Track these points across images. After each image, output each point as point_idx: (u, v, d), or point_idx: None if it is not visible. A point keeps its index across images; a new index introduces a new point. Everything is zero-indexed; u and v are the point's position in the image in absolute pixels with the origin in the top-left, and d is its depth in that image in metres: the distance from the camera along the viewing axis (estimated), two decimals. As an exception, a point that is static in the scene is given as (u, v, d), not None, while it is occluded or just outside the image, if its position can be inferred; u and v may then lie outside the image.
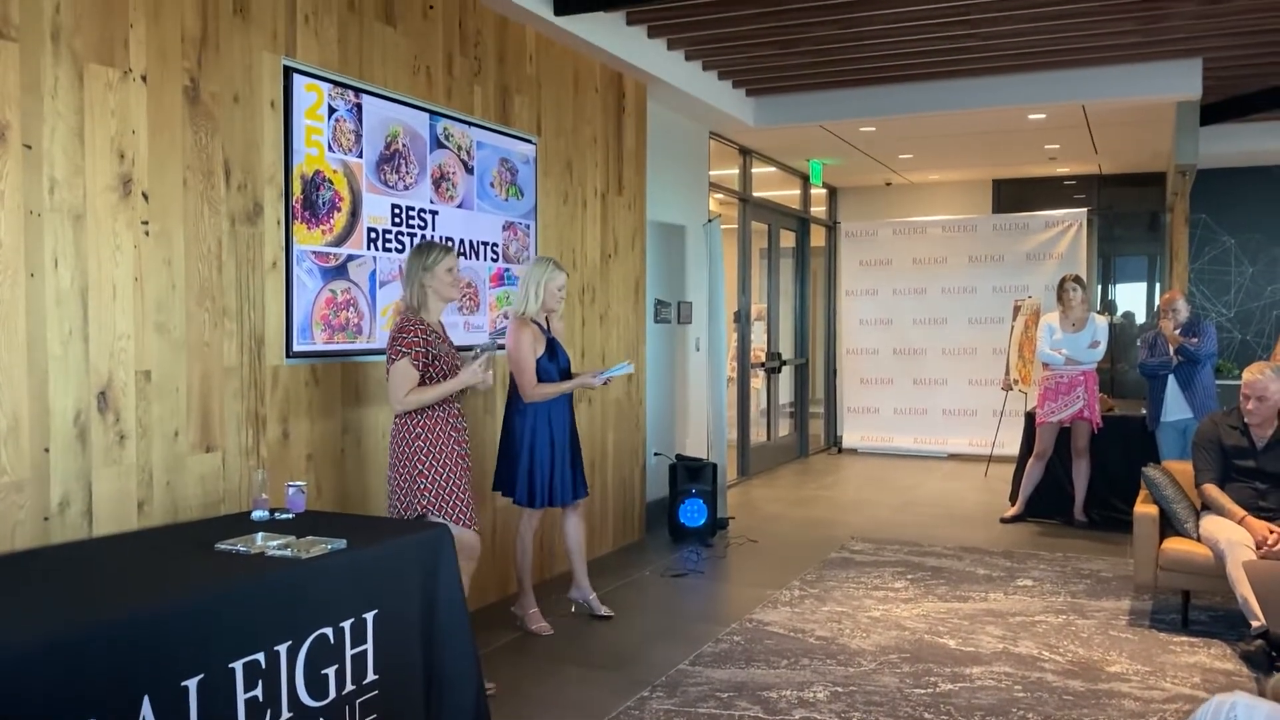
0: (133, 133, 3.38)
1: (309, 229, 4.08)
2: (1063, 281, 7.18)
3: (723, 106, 7.53)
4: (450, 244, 4.89)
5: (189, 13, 3.58)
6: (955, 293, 10.45)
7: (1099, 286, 11.21)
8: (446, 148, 4.91)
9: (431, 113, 4.80)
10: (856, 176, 11.16)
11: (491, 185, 5.25)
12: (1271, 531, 4.46)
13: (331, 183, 4.20)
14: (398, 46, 4.59)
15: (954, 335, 10.44)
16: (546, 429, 4.65)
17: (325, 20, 4.17)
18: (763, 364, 9.95)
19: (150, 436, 3.45)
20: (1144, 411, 6.80)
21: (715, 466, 6.91)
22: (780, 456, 10.32)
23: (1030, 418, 7.42)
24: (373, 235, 4.42)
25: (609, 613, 4.99)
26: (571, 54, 5.94)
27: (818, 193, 11.39)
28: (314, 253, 4.11)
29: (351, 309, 4.31)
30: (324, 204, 4.16)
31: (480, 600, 5.07)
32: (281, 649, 2.70)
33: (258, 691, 2.61)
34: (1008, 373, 9.10)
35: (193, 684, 2.44)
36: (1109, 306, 11.26)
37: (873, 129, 8.54)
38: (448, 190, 4.92)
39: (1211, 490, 4.78)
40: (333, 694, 2.85)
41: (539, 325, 4.65)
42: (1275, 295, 10.21)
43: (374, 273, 4.43)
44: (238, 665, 2.56)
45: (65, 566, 2.82)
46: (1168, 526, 4.93)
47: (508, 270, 5.38)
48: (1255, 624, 4.29)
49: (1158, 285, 11.02)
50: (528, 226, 5.54)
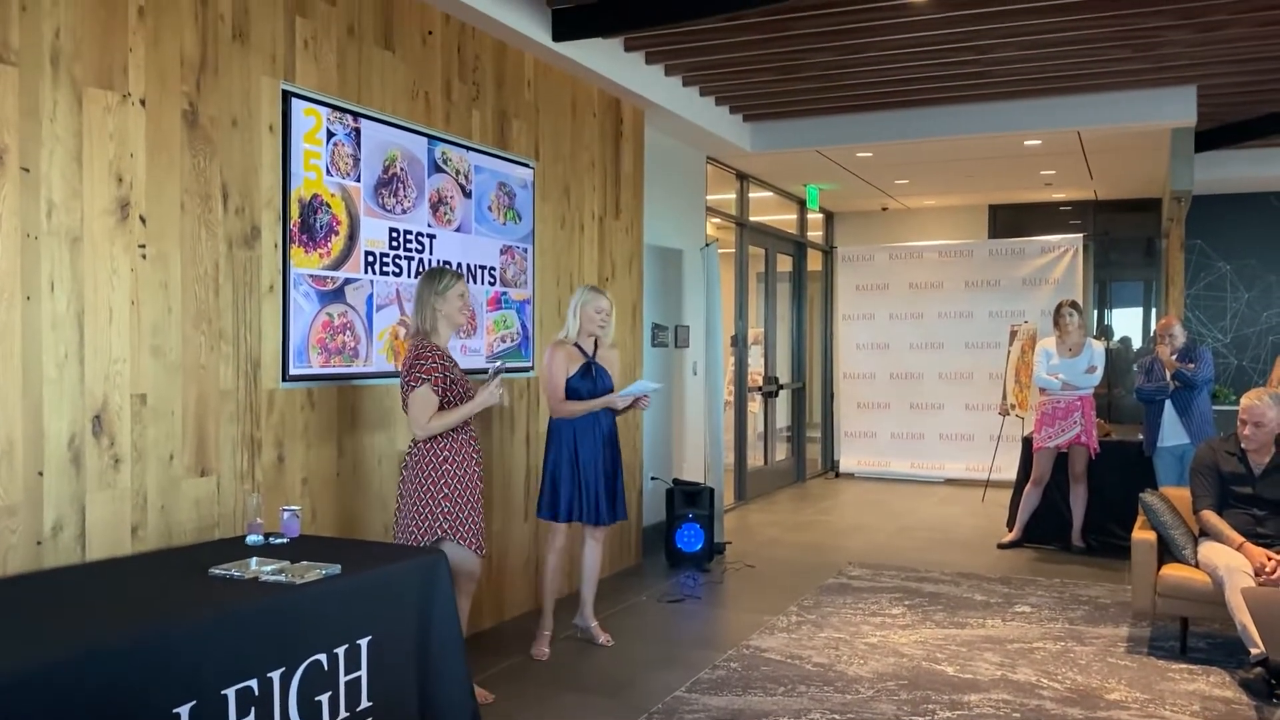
0: (131, 156, 3.38)
1: (306, 252, 4.08)
2: (1059, 307, 7.19)
3: (720, 131, 7.56)
4: (460, 271, 4.93)
5: (188, 37, 3.59)
6: (952, 317, 10.46)
7: (1095, 312, 11.23)
8: (445, 172, 4.92)
9: (430, 137, 4.81)
10: (853, 201, 11.19)
11: (489, 209, 5.26)
12: (1270, 558, 4.45)
13: (329, 206, 4.21)
14: (396, 71, 4.61)
15: (951, 360, 10.45)
16: (571, 446, 4.74)
17: (324, 45, 4.19)
18: (760, 388, 9.95)
19: (145, 460, 3.43)
20: (1141, 437, 6.79)
21: (712, 491, 6.89)
22: (777, 481, 10.29)
23: (1027, 443, 7.41)
24: (370, 259, 4.42)
25: (608, 641, 4.96)
26: (569, 79, 5.97)
27: (814, 217, 11.42)
28: (311, 276, 4.11)
29: (348, 332, 4.31)
30: (321, 227, 4.17)
31: (476, 625, 5.04)
32: (275, 675, 2.68)
33: (250, 719, 2.58)
34: (1005, 398, 9.10)
35: (185, 711, 2.42)
36: (1105, 331, 11.27)
37: (869, 154, 8.57)
38: (445, 214, 4.93)
39: (1210, 516, 4.77)
40: (326, 721, 2.82)
41: (580, 348, 4.77)
42: (1271, 321, 10.24)
43: (371, 296, 4.43)
44: (230, 692, 2.54)
45: (58, 592, 2.81)
46: (1166, 553, 4.91)
47: (505, 294, 5.39)
48: (1254, 651, 4.26)
49: (1154, 311, 11.04)
50: (525, 250, 5.55)
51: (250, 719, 2.58)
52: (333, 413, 4.24)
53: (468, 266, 5.09)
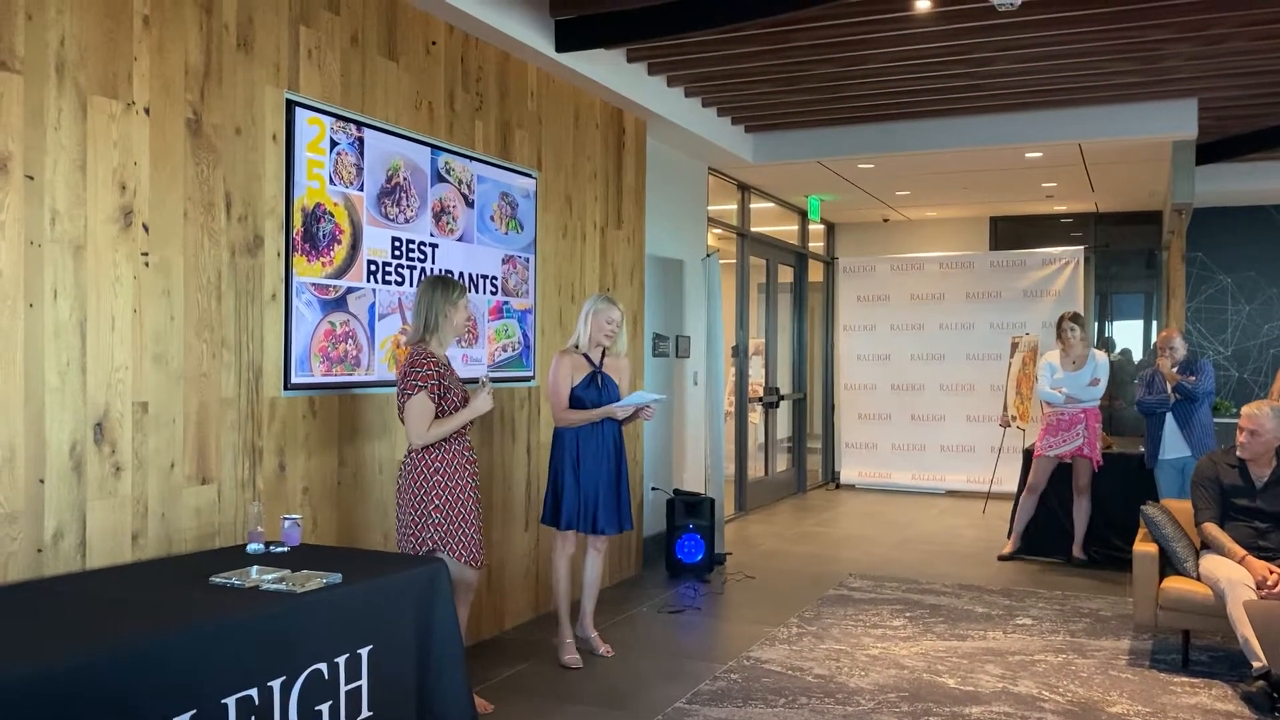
0: (134, 164, 3.39)
1: (309, 261, 4.09)
2: (1061, 320, 7.17)
3: (722, 142, 7.57)
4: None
5: (193, 46, 3.60)
6: (953, 329, 10.47)
7: (1096, 324, 11.23)
8: (447, 181, 4.93)
9: (433, 147, 4.82)
10: (854, 212, 11.21)
11: (491, 219, 5.26)
12: (1272, 572, 4.44)
13: (332, 215, 4.21)
14: (400, 81, 4.62)
15: (952, 371, 10.45)
16: (574, 455, 4.75)
17: (328, 55, 4.20)
18: (760, 399, 9.94)
19: (146, 468, 3.43)
20: (1142, 449, 6.78)
21: (713, 501, 6.88)
22: (778, 492, 10.28)
23: (1029, 454, 7.40)
24: (373, 268, 4.42)
25: (609, 652, 4.95)
26: (572, 90, 5.98)
27: (816, 228, 11.44)
28: (313, 285, 4.11)
29: (350, 341, 4.31)
30: (324, 236, 4.17)
31: (478, 634, 5.03)
32: (275, 685, 2.67)
33: (250, 728, 2.58)
34: (1006, 409, 9.09)
35: (185, 719, 2.41)
36: (1106, 344, 11.27)
37: (871, 166, 8.59)
38: (448, 223, 4.94)
39: (1211, 529, 4.77)
40: (326, 731, 2.81)
41: (587, 357, 4.78)
42: (1272, 334, 10.24)
43: (373, 305, 4.43)
44: (230, 701, 2.53)
45: (58, 599, 2.80)
46: (1167, 565, 4.90)
47: (507, 303, 5.39)
48: (1256, 665, 4.25)
49: (1154, 323, 11.04)
50: (527, 260, 5.56)
51: (250, 728, 2.58)
52: (334, 421, 4.24)
53: (470, 276, 5.09)
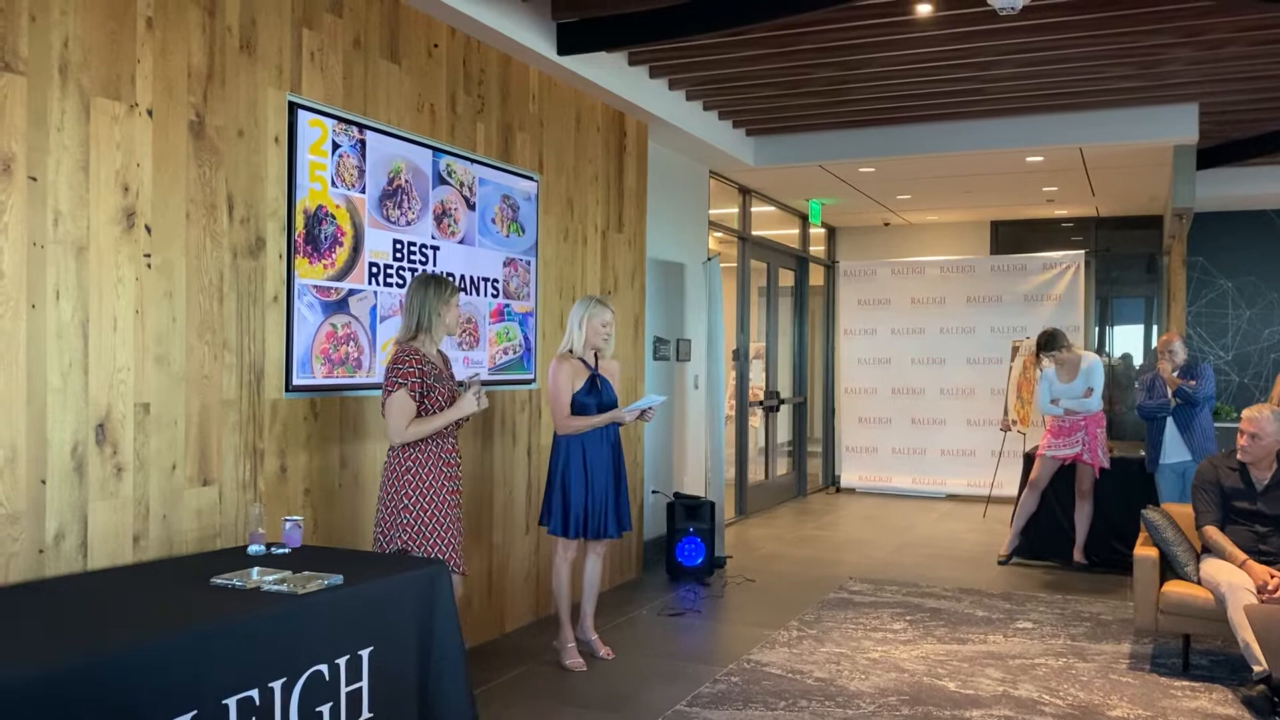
0: (137, 166, 3.40)
1: (310, 263, 4.09)
2: (1039, 347, 7.03)
3: (723, 146, 7.58)
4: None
5: (196, 48, 3.61)
6: (953, 333, 10.47)
7: (1096, 328, 11.23)
8: (449, 184, 4.94)
9: (434, 149, 4.83)
10: (855, 216, 11.22)
11: (493, 221, 5.27)
12: (1273, 576, 4.44)
13: (334, 217, 4.22)
14: (402, 84, 4.63)
15: (952, 375, 10.45)
16: (580, 462, 4.73)
17: (331, 57, 4.21)
18: (761, 402, 9.95)
19: (147, 469, 3.43)
20: (1143, 453, 6.79)
21: (713, 505, 6.88)
22: (778, 495, 10.28)
23: (1029, 458, 7.40)
24: (374, 270, 4.43)
25: (609, 654, 4.95)
26: (574, 93, 5.99)
27: (817, 232, 11.45)
28: (315, 287, 4.12)
29: (352, 343, 4.31)
30: (326, 238, 4.18)
31: (479, 637, 5.03)
32: (276, 686, 2.67)
33: (251, 729, 2.58)
34: (1006, 413, 9.09)
35: (186, 721, 2.41)
36: (1105, 348, 11.27)
37: (872, 169, 8.60)
38: (449, 226, 4.94)
39: (1212, 533, 4.77)
40: (327, 732, 2.81)
41: (584, 361, 4.76)
42: (1272, 338, 10.24)
43: (375, 307, 4.43)
44: (231, 702, 2.53)
45: (59, 601, 2.80)
46: (1168, 569, 4.90)
47: (508, 306, 5.40)
48: (1257, 669, 4.25)
49: (1155, 327, 11.05)
50: (528, 263, 5.56)
51: (251, 729, 2.58)
52: (335, 423, 4.24)
53: (471, 278, 5.10)
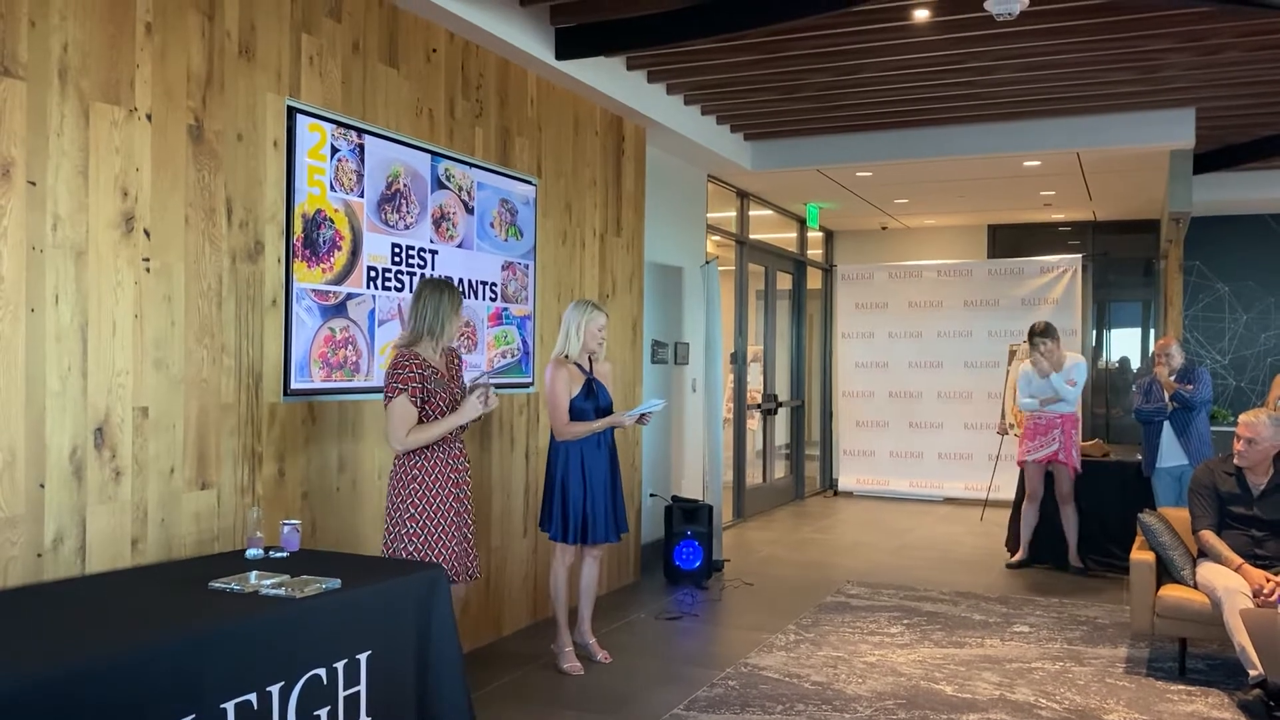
0: (136, 170, 3.40)
1: (309, 267, 4.10)
2: (1031, 337, 7.09)
3: (721, 150, 7.60)
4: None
5: (195, 53, 3.62)
6: (951, 336, 10.49)
7: (1094, 332, 11.25)
8: (447, 188, 4.95)
9: (433, 153, 4.84)
10: (853, 220, 11.23)
11: (491, 225, 5.28)
12: (1269, 580, 4.45)
13: (332, 221, 4.23)
14: (400, 88, 4.64)
15: (950, 379, 10.47)
16: (579, 467, 4.74)
17: (330, 62, 4.22)
18: (759, 405, 9.95)
19: (146, 473, 3.44)
20: (1139, 457, 6.80)
21: (711, 508, 6.88)
22: (776, 499, 10.29)
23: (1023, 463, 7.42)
24: (372, 274, 4.44)
25: (606, 658, 4.96)
26: (572, 97, 6.00)
27: (814, 236, 11.46)
28: (313, 291, 4.13)
29: (350, 347, 4.32)
30: (324, 242, 4.18)
31: (476, 641, 5.03)
32: (274, 690, 2.67)
33: (249, 733, 2.58)
34: (1003, 417, 9.10)
35: (184, 725, 2.42)
36: (1102, 352, 11.29)
37: (869, 174, 8.61)
38: (448, 230, 4.95)
39: (1208, 537, 4.78)
40: (324, 736, 2.82)
41: (579, 366, 4.77)
42: (1269, 342, 10.26)
43: (373, 311, 4.44)
44: (229, 706, 2.54)
45: (58, 604, 2.81)
46: (1164, 573, 4.91)
47: (506, 310, 5.40)
48: (1253, 673, 4.26)
49: (1152, 331, 11.06)
50: (527, 266, 5.57)
51: (249, 733, 2.58)
52: (333, 427, 4.25)
53: (469, 282, 5.10)
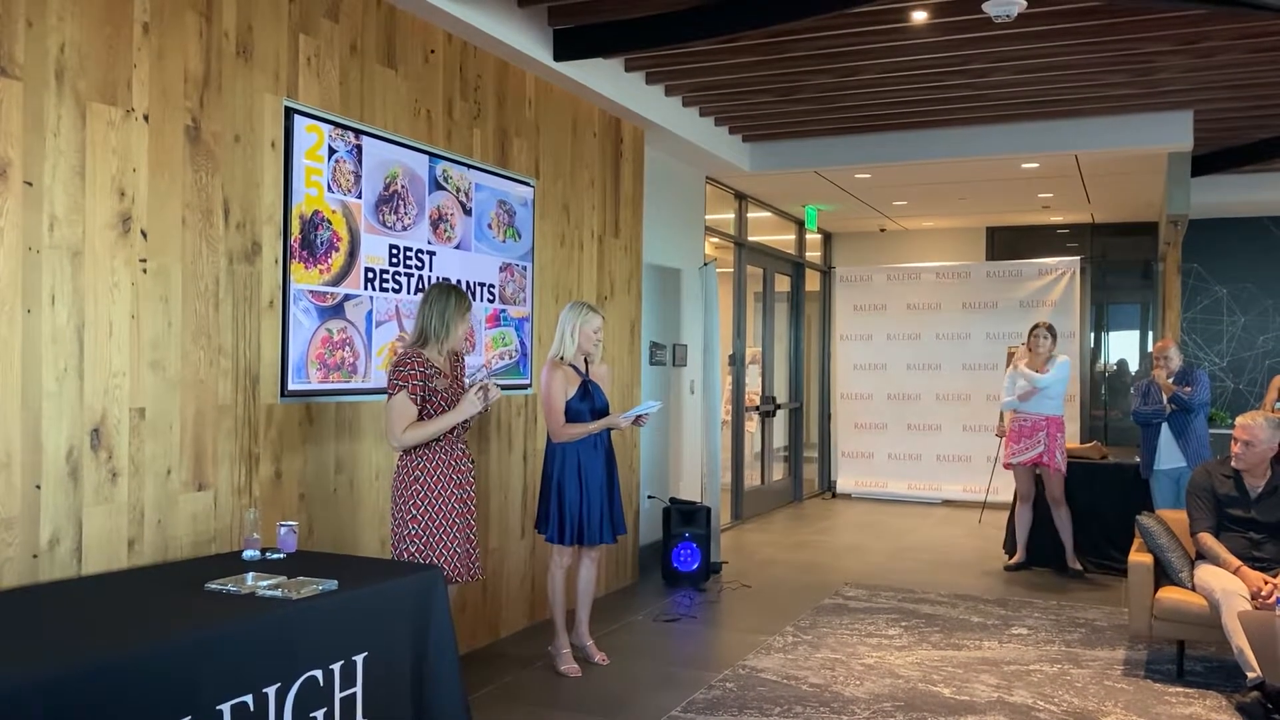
0: (133, 171, 3.40)
1: (306, 268, 4.10)
2: (1035, 327, 7.22)
3: (719, 152, 7.59)
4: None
5: (192, 54, 3.62)
6: (949, 338, 10.49)
7: (1092, 334, 11.25)
8: (445, 189, 4.95)
9: (431, 155, 4.83)
10: (851, 222, 11.23)
11: (489, 227, 5.27)
12: (1266, 582, 4.45)
13: (330, 223, 4.22)
14: (398, 89, 4.63)
15: (948, 381, 10.47)
16: (576, 469, 4.73)
17: (327, 63, 4.22)
18: (757, 407, 9.95)
19: (142, 474, 3.43)
20: (1138, 460, 6.80)
21: (709, 510, 6.88)
22: (774, 501, 10.28)
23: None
24: (370, 275, 4.43)
25: (604, 660, 4.95)
26: (570, 99, 6.00)
27: (813, 238, 11.46)
28: (311, 292, 4.12)
29: (347, 348, 4.31)
30: (322, 244, 4.18)
31: (473, 642, 5.03)
32: (270, 691, 2.67)
33: (245, 735, 2.58)
34: (1001, 419, 9.09)
35: (179, 726, 2.41)
36: (1100, 355, 11.29)
37: (868, 176, 8.61)
38: (445, 231, 4.95)
39: (1207, 539, 4.77)
40: (321, 738, 2.81)
41: (575, 368, 4.76)
42: (1267, 345, 10.26)
43: (370, 312, 4.44)
44: (226, 707, 2.54)
45: (53, 605, 2.80)
46: (1163, 575, 4.91)
47: (504, 311, 5.40)
48: (1251, 675, 4.26)
49: (1150, 334, 11.07)
50: (525, 268, 5.57)
51: (245, 735, 2.58)
52: (330, 428, 4.24)
53: (467, 284, 5.10)
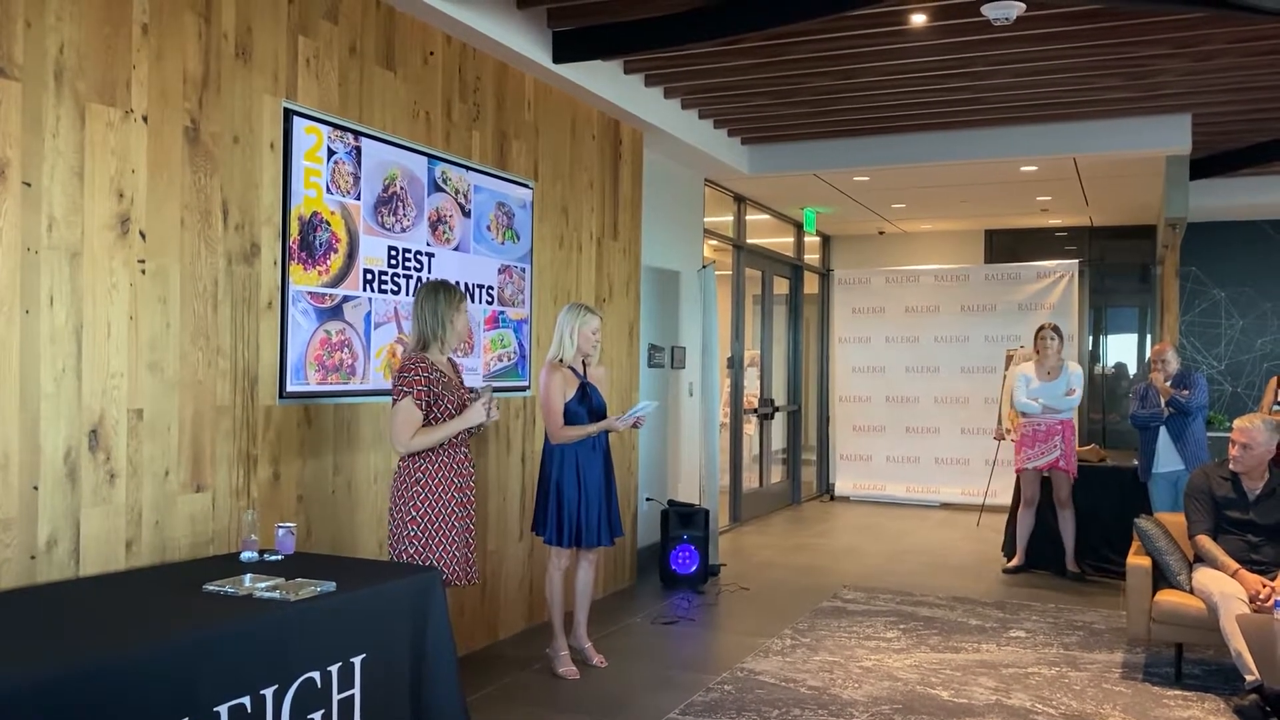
0: (132, 172, 3.40)
1: (305, 269, 4.09)
2: (1040, 329, 7.23)
3: (718, 154, 7.60)
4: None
5: (191, 55, 3.62)
6: (947, 341, 10.49)
7: (1090, 337, 11.26)
8: (444, 191, 4.95)
9: (430, 156, 4.83)
10: (850, 225, 11.24)
11: (488, 229, 5.27)
12: (1265, 585, 4.45)
13: (329, 224, 4.22)
14: (398, 91, 4.63)
15: (946, 384, 10.47)
16: (574, 471, 4.73)
17: (326, 64, 4.22)
18: (755, 410, 9.95)
19: (140, 475, 3.43)
20: (1136, 463, 6.80)
21: (707, 512, 6.88)
22: (772, 503, 10.28)
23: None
24: (369, 276, 4.43)
25: (602, 662, 4.94)
26: (569, 101, 6.00)
27: (811, 240, 11.47)
28: (310, 293, 4.12)
29: (346, 350, 4.31)
30: (321, 245, 4.18)
31: (471, 644, 5.02)
32: (268, 693, 2.67)
33: (242, 736, 2.57)
34: (1000, 422, 9.10)
35: (177, 728, 2.41)
36: (1098, 358, 11.30)
37: (866, 178, 8.62)
38: (444, 233, 4.95)
39: (1205, 542, 4.77)
40: (318, 740, 2.81)
41: (573, 370, 4.76)
42: (1265, 348, 10.27)
43: (369, 314, 4.43)
44: (223, 709, 2.53)
45: (51, 607, 2.80)
46: (1161, 578, 4.91)
47: (502, 313, 5.40)
48: (1249, 678, 4.26)
49: (1148, 337, 11.08)
50: (523, 270, 5.57)
51: (242, 736, 2.57)
52: (329, 430, 4.24)
53: (466, 285, 5.10)
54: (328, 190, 4.21)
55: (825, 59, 5.91)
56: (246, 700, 2.60)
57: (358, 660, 2.97)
